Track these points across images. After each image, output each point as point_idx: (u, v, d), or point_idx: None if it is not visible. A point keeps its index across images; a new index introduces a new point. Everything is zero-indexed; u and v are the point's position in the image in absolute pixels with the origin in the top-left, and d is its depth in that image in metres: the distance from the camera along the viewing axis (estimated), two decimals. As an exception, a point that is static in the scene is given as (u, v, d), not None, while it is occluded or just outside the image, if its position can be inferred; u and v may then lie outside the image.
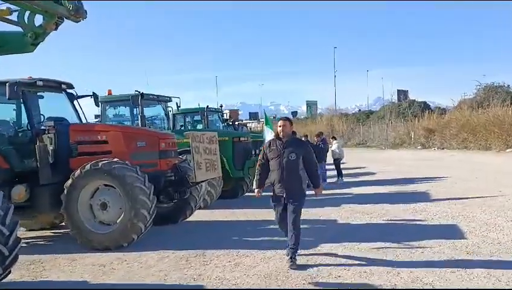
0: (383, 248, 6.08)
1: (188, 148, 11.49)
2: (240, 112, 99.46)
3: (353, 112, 58.99)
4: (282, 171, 5.38)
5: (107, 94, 11.94)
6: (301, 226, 5.51)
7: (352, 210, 9.17)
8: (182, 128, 14.70)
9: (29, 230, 8.46)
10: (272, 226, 7.55)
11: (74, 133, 7.41)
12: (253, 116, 78.18)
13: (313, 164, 5.60)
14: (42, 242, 7.75)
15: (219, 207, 10.14)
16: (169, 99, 12.61)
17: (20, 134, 7.50)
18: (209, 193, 10.30)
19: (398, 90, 50.96)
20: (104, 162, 6.71)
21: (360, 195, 11.56)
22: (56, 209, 6.98)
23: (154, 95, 11.84)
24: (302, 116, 68.28)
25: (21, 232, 8.34)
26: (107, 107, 11.98)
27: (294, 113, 70.28)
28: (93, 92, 8.76)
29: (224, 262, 5.73)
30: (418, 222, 7.77)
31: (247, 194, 11.84)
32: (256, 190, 5.70)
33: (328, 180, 14.86)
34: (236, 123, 20.32)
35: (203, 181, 7.68)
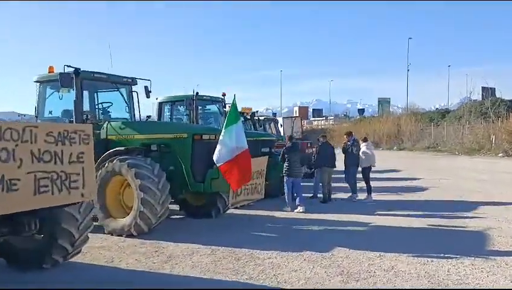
0: None
1: (141, 148, 8.44)
2: (311, 110, 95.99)
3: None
4: None
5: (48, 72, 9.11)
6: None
7: (339, 265, 5.39)
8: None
9: None
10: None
11: None
12: (317, 113, 74.14)
13: None
14: None
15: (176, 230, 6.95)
16: (133, 81, 9.46)
17: None
18: (142, 214, 7.09)
19: (483, 88, 44.03)
20: None
21: (376, 229, 7.61)
22: None
23: (97, 73, 8.67)
24: (370, 115, 62.61)
25: None
26: (48, 89, 9.12)
27: (361, 111, 65.39)
28: None
29: None
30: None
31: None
32: None
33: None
34: (259, 117, 16.65)
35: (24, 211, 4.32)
